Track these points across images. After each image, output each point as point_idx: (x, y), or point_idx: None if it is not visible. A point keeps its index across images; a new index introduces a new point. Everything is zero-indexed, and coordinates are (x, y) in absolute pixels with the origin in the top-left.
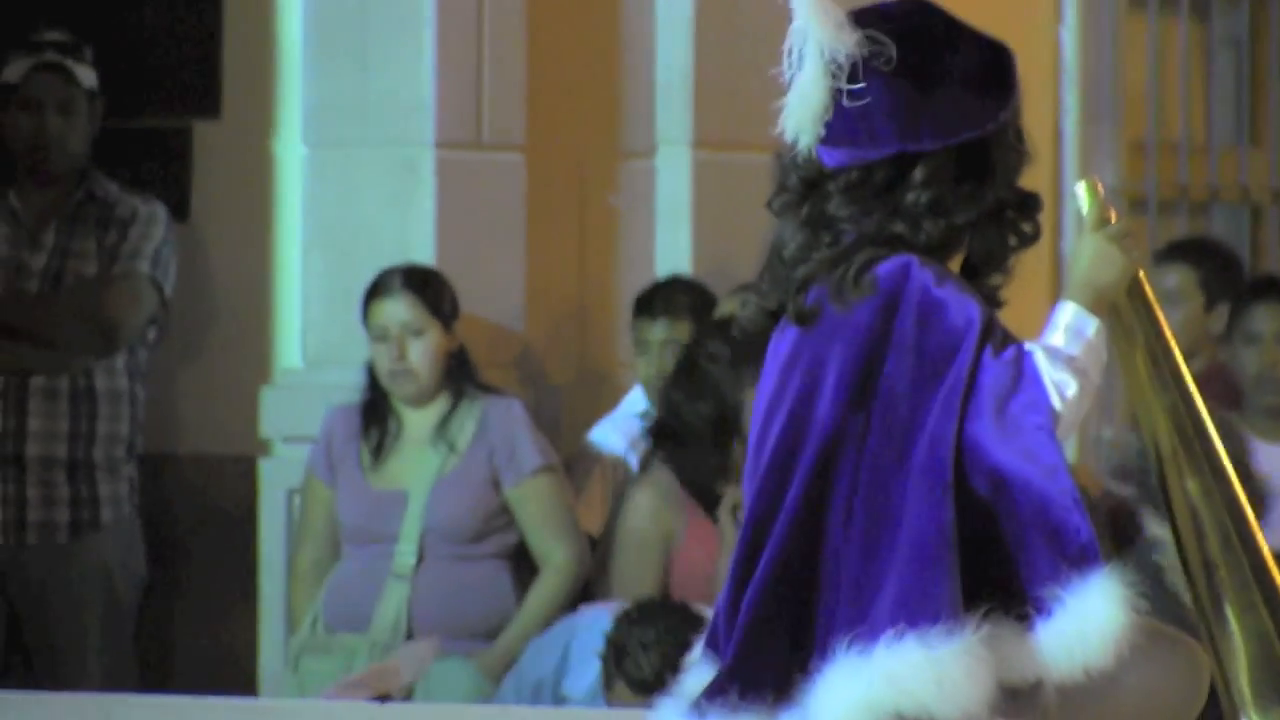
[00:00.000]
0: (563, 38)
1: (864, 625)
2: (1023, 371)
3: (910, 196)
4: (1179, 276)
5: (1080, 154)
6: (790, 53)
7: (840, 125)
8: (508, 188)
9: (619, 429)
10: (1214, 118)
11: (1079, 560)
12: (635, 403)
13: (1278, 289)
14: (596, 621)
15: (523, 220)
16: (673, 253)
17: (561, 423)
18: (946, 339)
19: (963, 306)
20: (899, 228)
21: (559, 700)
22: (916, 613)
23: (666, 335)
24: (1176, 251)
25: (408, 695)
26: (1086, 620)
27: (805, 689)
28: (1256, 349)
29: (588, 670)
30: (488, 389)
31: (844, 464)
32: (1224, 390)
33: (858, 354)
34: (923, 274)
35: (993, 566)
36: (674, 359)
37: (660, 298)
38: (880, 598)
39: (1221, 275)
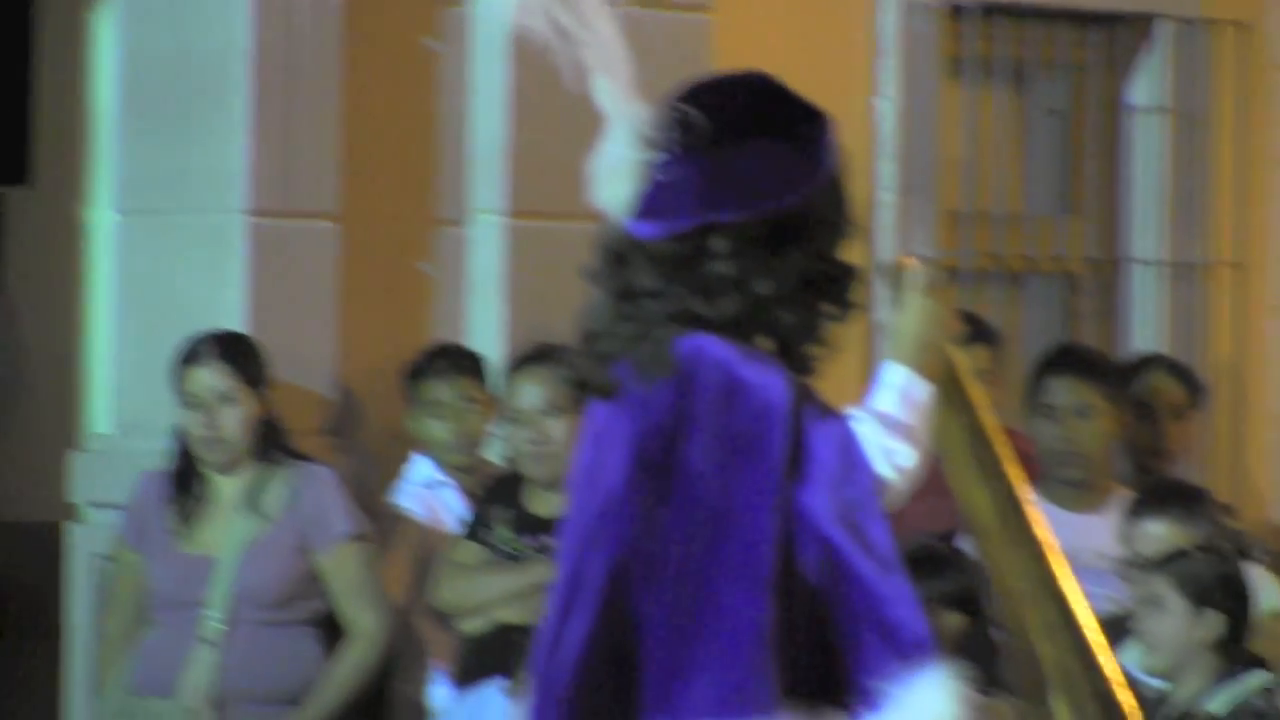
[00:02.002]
0: (377, 106)
1: (674, 716)
2: (850, 446)
3: (711, 268)
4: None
5: (897, 224)
6: (601, 126)
7: (648, 198)
8: (320, 255)
9: (415, 497)
10: (1031, 188)
11: (911, 654)
12: (422, 469)
13: (1074, 362)
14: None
15: (335, 288)
16: (485, 320)
17: (373, 490)
18: (751, 422)
19: (766, 388)
20: (698, 304)
21: None
22: (731, 709)
23: (461, 393)
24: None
25: None
26: (916, 715)
27: None
28: (1053, 422)
29: None
30: (299, 456)
31: (644, 544)
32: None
33: (655, 433)
34: (722, 353)
35: (823, 656)
36: (474, 415)
37: (443, 359)
38: (694, 689)
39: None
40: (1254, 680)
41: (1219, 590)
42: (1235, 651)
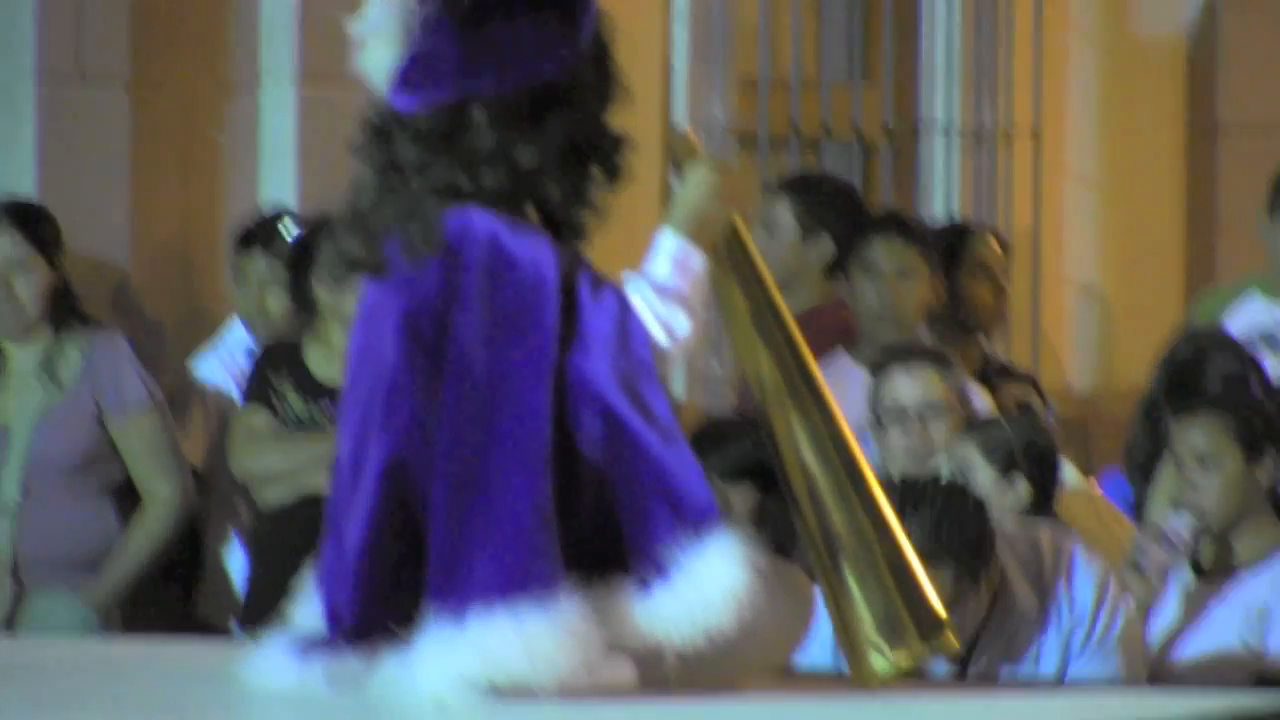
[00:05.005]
0: None
1: (456, 595)
2: (625, 315)
3: (472, 141)
4: (777, 209)
5: (690, 91)
6: None
7: (410, 70)
8: (112, 122)
9: (223, 362)
10: (826, 54)
11: (699, 522)
12: (237, 337)
13: (899, 225)
14: None
15: (127, 155)
16: (277, 189)
17: (165, 357)
18: (520, 296)
19: (535, 261)
20: (461, 178)
21: None
22: (511, 588)
23: (266, 270)
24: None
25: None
26: (706, 582)
27: (411, 638)
28: (875, 284)
29: None
30: (92, 324)
31: (422, 424)
32: (832, 325)
33: (426, 311)
34: (488, 227)
35: (609, 528)
36: (276, 294)
37: (260, 231)
38: (474, 568)
39: (820, 208)
40: None
41: (1026, 458)
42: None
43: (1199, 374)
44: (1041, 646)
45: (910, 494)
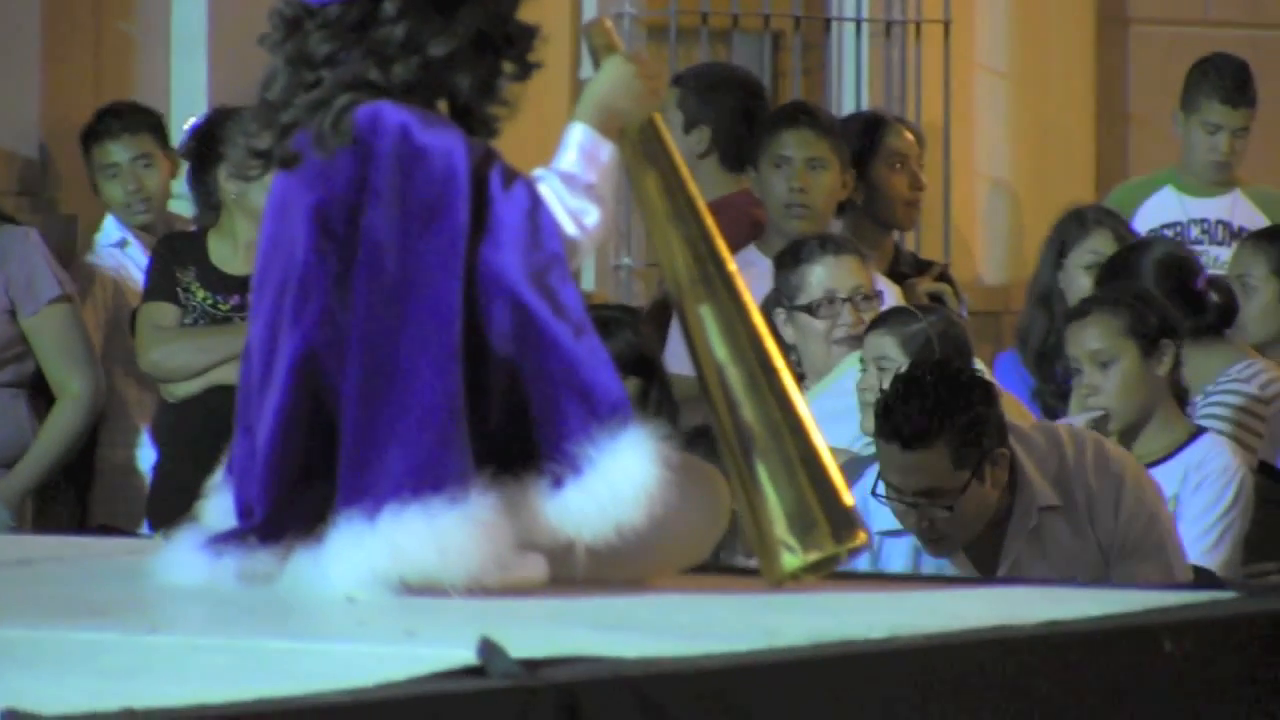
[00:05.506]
0: None
1: (368, 490)
2: (536, 208)
3: (382, 32)
4: (665, 102)
5: None
6: None
7: None
8: (23, 12)
9: (106, 256)
10: None
11: (610, 418)
12: (109, 232)
13: (809, 116)
14: None
15: (38, 46)
16: (188, 82)
17: (77, 250)
18: (431, 188)
19: (446, 153)
20: (372, 70)
21: None
22: (422, 483)
23: (130, 153)
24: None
25: None
26: (618, 478)
27: (324, 534)
28: (785, 173)
29: None
30: (3, 217)
31: (335, 317)
32: (737, 219)
33: (337, 204)
34: (399, 119)
35: (520, 423)
36: (152, 172)
37: (115, 120)
38: (386, 464)
39: (703, 100)
40: None
41: (940, 349)
42: None
43: (1136, 264)
44: (1075, 545)
45: (911, 378)
